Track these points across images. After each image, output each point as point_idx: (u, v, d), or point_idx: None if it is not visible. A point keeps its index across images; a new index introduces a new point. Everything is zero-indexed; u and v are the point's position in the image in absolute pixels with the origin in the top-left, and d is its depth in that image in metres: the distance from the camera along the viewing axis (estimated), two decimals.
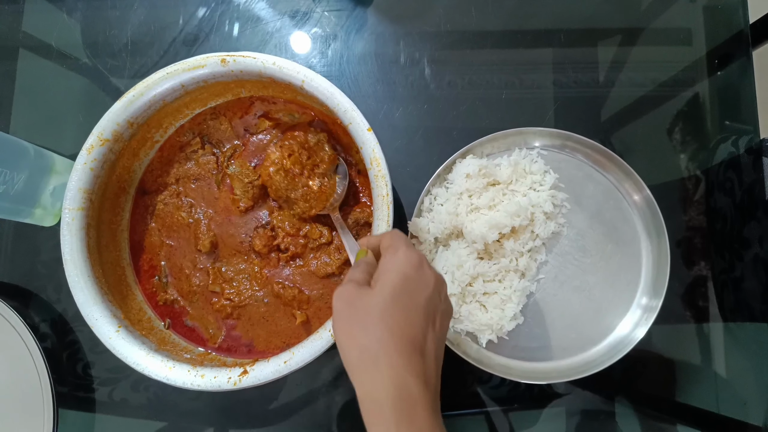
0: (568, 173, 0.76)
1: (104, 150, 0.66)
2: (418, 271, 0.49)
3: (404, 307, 0.46)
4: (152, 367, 0.61)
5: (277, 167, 0.69)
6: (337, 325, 0.47)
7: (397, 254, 0.50)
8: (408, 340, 0.45)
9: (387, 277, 0.48)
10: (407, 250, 0.50)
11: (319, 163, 0.70)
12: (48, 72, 0.86)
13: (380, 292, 0.47)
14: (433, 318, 0.49)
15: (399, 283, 0.47)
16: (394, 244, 0.51)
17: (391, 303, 0.46)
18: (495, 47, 0.83)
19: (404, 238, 0.53)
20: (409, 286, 0.48)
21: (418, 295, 0.48)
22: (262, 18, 0.85)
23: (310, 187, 0.70)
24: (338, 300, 0.48)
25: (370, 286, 0.49)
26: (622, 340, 0.72)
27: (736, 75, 0.82)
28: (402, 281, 0.47)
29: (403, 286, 0.47)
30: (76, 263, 0.63)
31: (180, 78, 0.67)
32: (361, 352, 0.45)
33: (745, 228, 0.78)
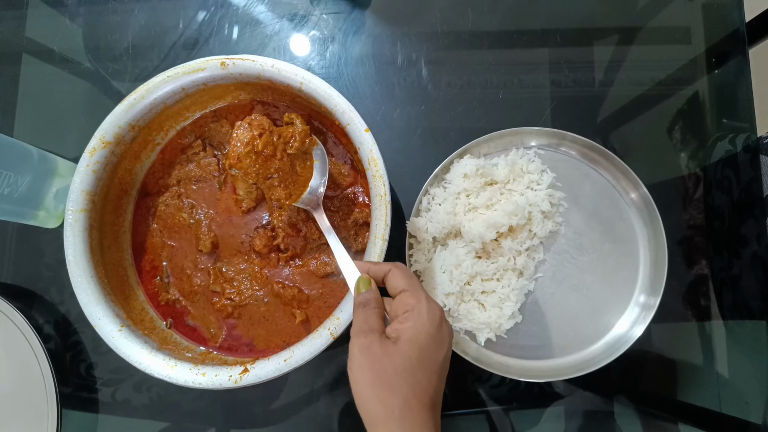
0: (565, 172, 0.77)
1: (106, 152, 0.67)
2: (440, 329, 0.51)
3: (427, 368, 0.48)
4: (154, 366, 0.61)
5: (247, 149, 0.62)
6: (360, 378, 0.48)
7: (422, 310, 0.50)
8: (429, 399, 0.48)
9: (413, 337, 0.49)
10: (429, 305, 0.51)
11: (290, 141, 0.65)
12: (51, 76, 0.87)
13: (407, 352, 0.48)
14: (445, 374, 0.51)
15: (425, 344, 0.49)
16: (414, 293, 0.52)
17: (417, 365, 0.48)
18: (491, 48, 0.84)
19: (417, 281, 0.54)
20: (431, 346, 0.49)
21: (438, 354, 0.50)
22: (261, 21, 0.86)
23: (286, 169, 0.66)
24: (362, 353, 0.49)
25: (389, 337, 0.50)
26: (620, 338, 0.73)
27: (732, 73, 0.82)
28: (427, 342, 0.49)
29: (427, 346, 0.49)
30: (79, 264, 0.64)
31: (180, 81, 0.68)
32: (388, 411, 0.46)
33: (742, 226, 0.78)
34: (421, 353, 0.48)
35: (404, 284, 0.53)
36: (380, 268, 0.56)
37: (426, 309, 0.50)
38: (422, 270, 0.73)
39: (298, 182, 0.67)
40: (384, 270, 0.55)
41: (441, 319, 0.51)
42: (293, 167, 0.66)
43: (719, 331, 0.77)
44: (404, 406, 0.46)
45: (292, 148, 0.64)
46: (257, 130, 0.63)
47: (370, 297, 0.54)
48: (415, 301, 0.51)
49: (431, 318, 0.50)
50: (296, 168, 0.67)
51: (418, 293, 0.52)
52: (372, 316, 0.52)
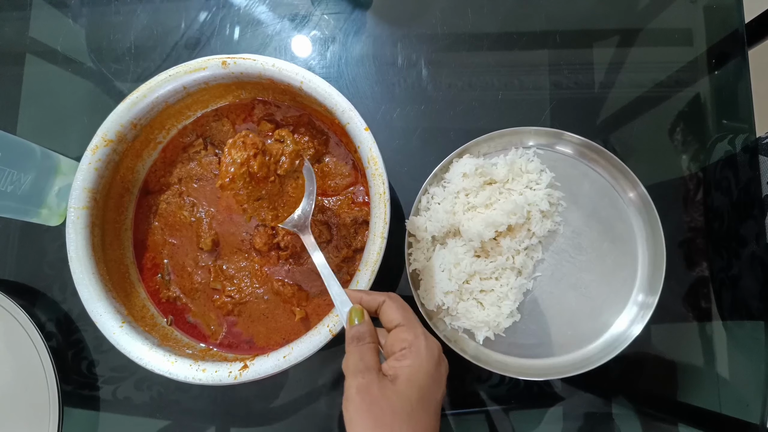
0: (564, 172, 0.77)
1: (108, 151, 0.68)
2: (438, 367, 0.49)
3: (427, 408, 0.47)
4: (155, 362, 0.62)
5: (241, 170, 0.58)
6: (357, 421, 0.46)
7: (420, 348, 0.49)
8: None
9: (412, 376, 0.47)
10: (428, 342, 0.49)
11: (279, 160, 0.62)
12: (54, 76, 0.87)
13: (406, 393, 0.46)
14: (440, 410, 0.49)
15: (424, 384, 0.47)
16: (411, 328, 0.50)
17: (417, 406, 0.46)
18: (491, 49, 0.84)
19: (414, 314, 0.52)
20: (430, 386, 0.48)
21: (437, 393, 0.48)
22: (262, 21, 0.87)
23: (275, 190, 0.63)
24: (360, 394, 0.47)
25: (383, 372, 0.49)
26: (619, 337, 0.73)
27: (732, 74, 0.83)
28: (426, 382, 0.47)
29: (427, 386, 0.47)
30: (81, 261, 0.64)
31: (182, 80, 0.68)
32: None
33: (741, 226, 0.78)
34: (420, 393, 0.47)
35: (400, 318, 0.51)
36: (373, 298, 0.54)
37: (424, 346, 0.49)
38: (421, 269, 0.73)
39: (288, 203, 0.65)
40: (377, 301, 0.53)
41: (439, 357, 0.50)
42: (283, 188, 0.64)
43: (719, 331, 0.77)
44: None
45: (281, 169, 0.61)
46: (251, 149, 0.58)
47: (364, 330, 0.52)
48: (412, 336, 0.49)
49: (430, 356, 0.49)
50: (287, 188, 0.65)
51: (415, 328, 0.50)
52: (368, 352, 0.50)
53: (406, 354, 0.49)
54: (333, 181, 0.74)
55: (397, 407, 0.46)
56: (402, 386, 0.47)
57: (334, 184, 0.74)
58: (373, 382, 0.47)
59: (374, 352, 0.50)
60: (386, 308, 0.52)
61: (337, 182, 0.74)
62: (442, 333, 0.72)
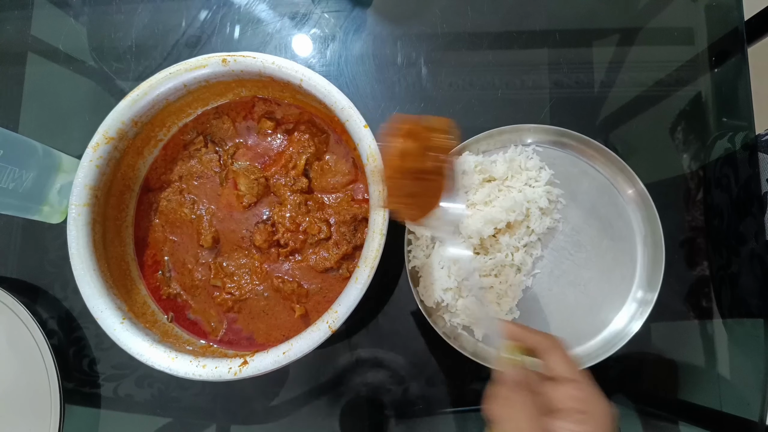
0: (563, 169, 0.77)
1: (109, 148, 0.68)
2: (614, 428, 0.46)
3: None
4: (155, 358, 0.62)
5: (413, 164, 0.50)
6: None
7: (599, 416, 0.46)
8: None
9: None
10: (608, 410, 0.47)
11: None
12: (55, 75, 0.88)
13: None
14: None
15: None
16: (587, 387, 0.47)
17: None
18: (491, 47, 0.85)
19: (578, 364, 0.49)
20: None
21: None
22: (263, 20, 0.87)
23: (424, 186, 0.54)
24: None
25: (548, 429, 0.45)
26: (618, 334, 0.73)
27: (732, 72, 0.82)
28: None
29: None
30: (82, 257, 0.65)
31: (182, 78, 0.69)
32: None
33: (741, 224, 0.78)
34: None
35: (571, 373, 0.48)
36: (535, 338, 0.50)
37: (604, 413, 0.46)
38: (420, 266, 0.73)
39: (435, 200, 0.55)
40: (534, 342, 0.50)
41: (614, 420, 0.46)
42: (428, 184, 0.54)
43: (719, 329, 0.77)
44: None
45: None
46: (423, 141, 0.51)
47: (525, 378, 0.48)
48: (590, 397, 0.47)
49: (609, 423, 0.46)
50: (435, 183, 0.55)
51: (591, 387, 0.47)
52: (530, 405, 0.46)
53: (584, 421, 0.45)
54: (333, 178, 0.74)
55: None
56: None
57: (334, 181, 0.74)
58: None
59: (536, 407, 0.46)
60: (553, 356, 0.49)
61: (338, 180, 0.74)
62: (441, 330, 0.72)
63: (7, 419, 0.76)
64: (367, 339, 0.77)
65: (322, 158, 0.75)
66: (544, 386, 0.48)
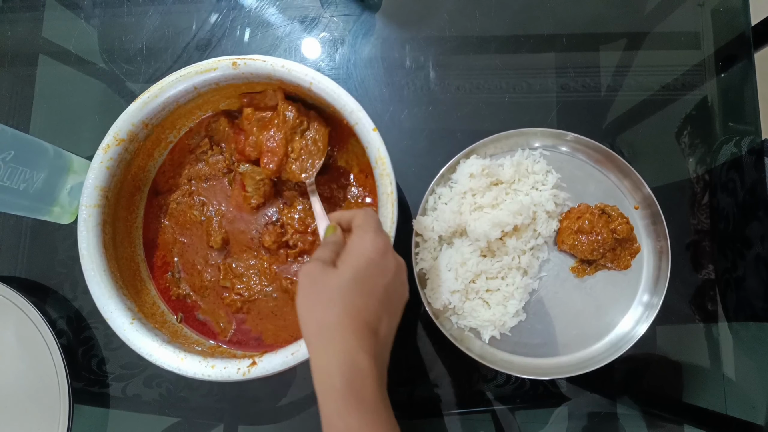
0: (569, 173, 0.78)
1: (120, 150, 0.69)
2: (383, 257, 0.51)
3: (363, 291, 0.49)
4: (164, 358, 0.62)
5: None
6: (300, 300, 0.50)
7: (365, 238, 0.52)
8: (363, 321, 0.48)
9: (351, 260, 0.50)
10: (375, 236, 0.52)
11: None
12: (66, 76, 0.89)
13: (343, 273, 0.49)
14: (389, 303, 0.51)
15: (362, 267, 0.50)
16: (363, 226, 0.53)
17: (353, 285, 0.49)
18: (499, 51, 0.85)
19: (375, 220, 0.55)
20: (371, 271, 0.50)
21: (379, 280, 0.51)
22: (272, 23, 0.87)
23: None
24: (303, 276, 0.50)
25: (335, 266, 0.51)
26: (624, 337, 0.73)
27: (738, 77, 0.83)
28: (365, 266, 0.50)
29: (365, 270, 0.50)
30: (92, 258, 0.65)
31: (193, 80, 0.69)
32: (319, 327, 0.48)
33: (747, 227, 0.79)
34: (357, 274, 0.49)
35: (360, 221, 0.54)
36: (350, 213, 0.57)
37: (371, 237, 0.52)
38: (428, 268, 0.74)
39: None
40: (353, 214, 0.56)
41: (385, 249, 0.52)
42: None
43: (724, 332, 0.77)
44: (336, 322, 0.47)
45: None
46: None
47: (329, 240, 0.55)
48: (362, 231, 0.53)
49: (374, 245, 0.51)
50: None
51: (368, 225, 0.53)
52: (323, 251, 0.53)
53: (351, 242, 0.53)
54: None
55: (332, 285, 0.48)
56: (341, 268, 0.50)
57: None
58: (317, 267, 0.50)
59: (330, 252, 0.52)
60: (355, 217, 0.55)
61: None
62: (448, 332, 0.72)
63: (17, 418, 0.77)
64: None
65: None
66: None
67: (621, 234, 0.72)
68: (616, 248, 0.74)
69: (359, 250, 0.51)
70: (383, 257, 0.51)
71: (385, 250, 0.52)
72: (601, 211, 0.74)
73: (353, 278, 0.49)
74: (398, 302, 0.53)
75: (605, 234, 0.72)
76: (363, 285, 0.49)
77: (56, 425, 0.74)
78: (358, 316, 0.48)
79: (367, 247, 0.51)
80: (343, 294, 0.48)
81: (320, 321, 0.48)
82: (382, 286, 0.50)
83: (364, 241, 0.52)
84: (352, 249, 0.52)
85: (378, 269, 0.51)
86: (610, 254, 0.74)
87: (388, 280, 0.51)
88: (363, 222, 0.54)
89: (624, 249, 0.75)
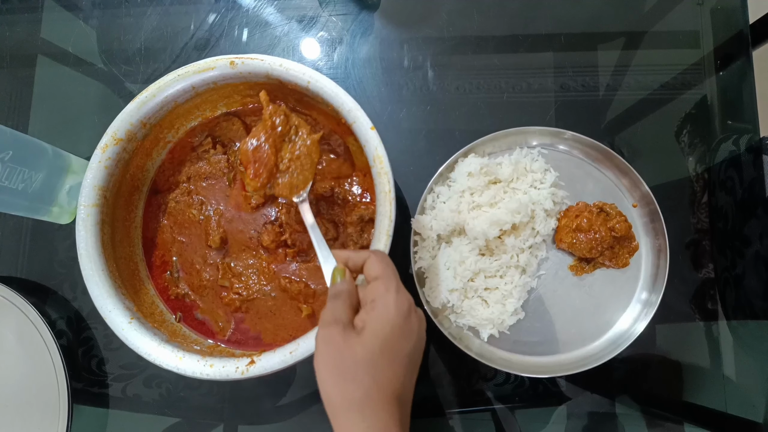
0: (568, 171, 0.78)
1: (118, 149, 0.69)
2: (407, 319, 0.49)
3: (391, 359, 0.47)
4: (163, 357, 0.62)
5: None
6: (322, 370, 0.47)
7: (388, 299, 0.49)
8: (391, 392, 0.46)
9: (376, 327, 0.48)
10: (398, 296, 0.49)
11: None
12: (65, 77, 0.89)
13: (368, 343, 0.47)
14: (412, 366, 0.50)
15: (388, 335, 0.47)
16: (384, 281, 0.50)
17: (380, 356, 0.46)
18: (497, 51, 0.85)
19: (393, 270, 0.52)
20: (396, 337, 0.48)
21: (405, 345, 0.48)
22: (270, 23, 0.88)
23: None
24: (324, 343, 0.48)
25: (354, 326, 0.49)
26: (623, 335, 0.73)
27: (737, 75, 0.83)
28: (390, 333, 0.47)
29: (391, 338, 0.47)
30: (90, 257, 0.65)
31: (191, 80, 0.69)
32: (347, 402, 0.46)
33: (745, 226, 0.79)
34: (385, 344, 0.47)
35: (378, 271, 0.51)
36: (359, 256, 0.54)
37: (394, 299, 0.49)
38: (427, 267, 0.74)
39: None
40: (363, 258, 0.54)
41: (409, 310, 0.50)
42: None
43: (723, 331, 0.77)
44: (365, 396, 0.45)
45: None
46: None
47: (341, 289, 0.52)
48: (384, 289, 0.49)
49: (398, 308, 0.48)
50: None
51: (389, 282, 0.50)
52: (339, 307, 0.50)
53: (374, 306, 0.49)
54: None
55: (359, 356, 0.46)
56: (366, 336, 0.47)
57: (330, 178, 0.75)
58: (338, 332, 0.47)
59: (347, 308, 0.50)
60: (368, 263, 0.53)
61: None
62: (447, 330, 0.72)
63: (16, 418, 0.77)
64: None
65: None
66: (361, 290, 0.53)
67: (619, 232, 0.72)
68: (615, 246, 0.74)
69: (384, 315, 0.48)
70: (408, 320, 0.49)
71: (409, 311, 0.50)
72: (600, 209, 0.74)
73: (380, 349, 0.47)
74: (419, 359, 0.51)
75: (603, 232, 0.72)
76: (389, 354, 0.47)
77: (56, 425, 0.74)
78: (387, 388, 0.46)
79: (392, 312, 0.48)
80: (370, 366, 0.46)
81: (347, 396, 0.46)
82: (406, 351, 0.49)
83: (388, 305, 0.48)
84: (375, 313, 0.48)
85: (402, 333, 0.48)
86: (608, 252, 0.74)
87: (413, 344, 0.49)
88: (382, 275, 0.51)
89: (622, 247, 0.75)
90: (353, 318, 0.50)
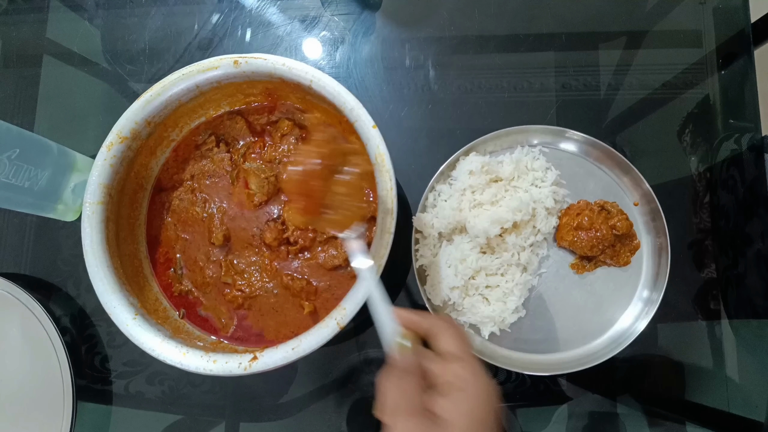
0: (569, 170, 0.78)
1: (123, 147, 0.69)
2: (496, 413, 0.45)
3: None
4: (167, 353, 0.63)
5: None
6: None
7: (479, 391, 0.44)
8: None
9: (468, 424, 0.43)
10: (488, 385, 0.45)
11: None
12: (70, 77, 0.90)
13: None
14: None
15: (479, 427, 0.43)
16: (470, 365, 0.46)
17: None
18: (498, 50, 0.85)
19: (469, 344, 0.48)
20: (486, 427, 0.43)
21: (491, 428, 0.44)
22: (273, 23, 0.88)
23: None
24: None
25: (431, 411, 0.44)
26: (624, 333, 0.73)
27: (738, 74, 0.83)
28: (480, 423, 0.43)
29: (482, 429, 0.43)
30: (95, 254, 0.66)
31: (195, 79, 0.70)
32: None
33: (747, 225, 0.79)
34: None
35: (457, 350, 0.46)
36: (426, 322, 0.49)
37: (484, 390, 0.44)
38: (428, 264, 0.74)
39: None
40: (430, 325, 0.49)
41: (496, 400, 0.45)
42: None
43: (726, 330, 0.77)
44: None
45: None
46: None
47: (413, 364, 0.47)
48: (470, 375, 0.45)
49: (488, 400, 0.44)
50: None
51: (474, 365, 0.45)
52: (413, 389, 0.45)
53: (463, 397, 0.44)
54: None
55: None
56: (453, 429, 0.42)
57: None
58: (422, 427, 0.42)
59: (419, 390, 0.45)
60: (442, 336, 0.48)
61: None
62: None
63: (21, 415, 0.77)
64: (375, 337, 0.77)
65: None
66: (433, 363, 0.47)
67: (620, 230, 0.72)
68: (616, 245, 0.74)
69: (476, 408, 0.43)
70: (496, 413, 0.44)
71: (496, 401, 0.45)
72: (601, 207, 0.74)
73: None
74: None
75: (605, 230, 0.72)
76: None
77: (60, 422, 0.75)
78: None
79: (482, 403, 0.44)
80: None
81: None
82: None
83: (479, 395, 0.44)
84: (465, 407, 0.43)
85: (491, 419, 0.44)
86: (609, 251, 0.74)
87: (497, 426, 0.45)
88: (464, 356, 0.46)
89: (623, 245, 0.75)
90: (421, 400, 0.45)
